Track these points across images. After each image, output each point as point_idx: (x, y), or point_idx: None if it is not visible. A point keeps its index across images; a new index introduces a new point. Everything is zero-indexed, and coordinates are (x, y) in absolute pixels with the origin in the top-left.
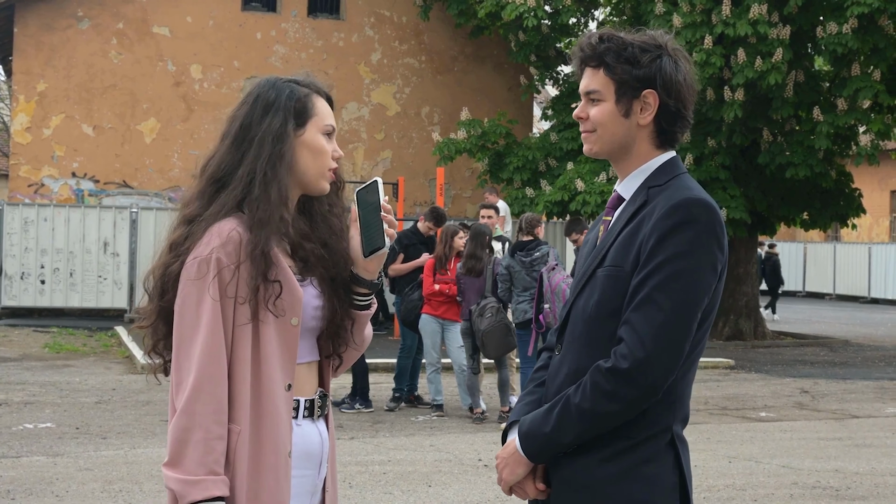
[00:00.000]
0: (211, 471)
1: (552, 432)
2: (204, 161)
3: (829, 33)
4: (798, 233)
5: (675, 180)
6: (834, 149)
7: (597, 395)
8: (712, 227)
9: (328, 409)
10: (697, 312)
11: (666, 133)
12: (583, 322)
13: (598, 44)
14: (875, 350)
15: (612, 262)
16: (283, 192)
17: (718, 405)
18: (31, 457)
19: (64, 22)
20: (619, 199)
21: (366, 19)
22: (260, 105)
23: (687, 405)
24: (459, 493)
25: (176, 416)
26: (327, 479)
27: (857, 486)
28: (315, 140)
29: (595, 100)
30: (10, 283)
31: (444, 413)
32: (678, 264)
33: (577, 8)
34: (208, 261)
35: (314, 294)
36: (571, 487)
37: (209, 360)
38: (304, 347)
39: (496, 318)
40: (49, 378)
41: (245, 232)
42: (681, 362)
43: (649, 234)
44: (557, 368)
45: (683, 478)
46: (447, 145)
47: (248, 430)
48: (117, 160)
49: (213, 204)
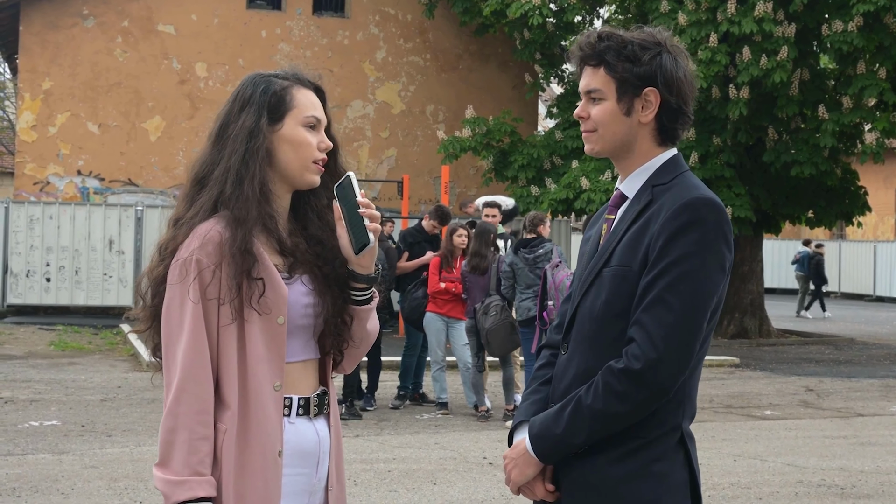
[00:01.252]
0: (195, 471)
1: (564, 433)
2: (192, 162)
3: (835, 31)
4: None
5: (679, 178)
6: (839, 147)
7: (609, 395)
8: (720, 226)
9: (329, 406)
10: (707, 312)
11: (667, 130)
12: (590, 322)
13: (597, 42)
14: (880, 348)
15: (619, 261)
16: (260, 188)
17: (723, 403)
18: (37, 454)
19: (69, 20)
20: (621, 197)
21: (371, 17)
22: (237, 103)
23: (694, 402)
24: (464, 491)
25: (163, 416)
26: (331, 477)
27: (863, 485)
28: (294, 133)
29: (596, 99)
30: (15, 280)
31: (449, 411)
32: (687, 265)
33: (583, 6)
34: (188, 262)
35: (303, 292)
36: (582, 487)
37: (192, 362)
38: (296, 346)
39: (500, 316)
40: (54, 376)
41: (225, 230)
42: (692, 362)
43: (657, 234)
44: (565, 368)
45: (694, 475)
46: (452, 143)
47: (235, 429)
48: (122, 158)
49: (194, 205)
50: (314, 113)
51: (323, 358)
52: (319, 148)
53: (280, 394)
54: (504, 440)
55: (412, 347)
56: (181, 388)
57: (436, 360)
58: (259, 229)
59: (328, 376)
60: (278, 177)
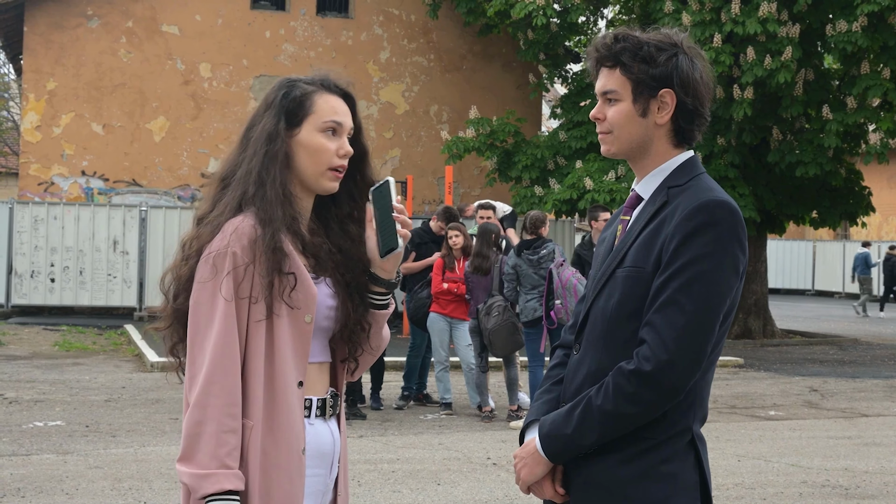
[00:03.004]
0: (223, 464)
1: (574, 434)
2: (221, 160)
3: (839, 31)
4: (807, 231)
5: (695, 180)
6: (843, 147)
7: (619, 397)
8: (734, 228)
9: (340, 409)
10: (720, 314)
11: (683, 132)
12: (603, 322)
13: (613, 43)
14: (884, 348)
15: (632, 262)
16: (282, 190)
17: (727, 404)
18: (41, 455)
19: (73, 21)
20: (637, 198)
21: (374, 18)
22: (263, 106)
23: (706, 404)
24: (468, 492)
25: (189, 410)
26: (339, 479)
27: (867, 485)
28: (310, 139)
29: (612, 100)
30: (20, 281)
31: (453, 411)
32: (701, 266)
33: (587, 6)
34: (224, 255)
35: (328, 293)
36: (591, 488)
37: (222, 354)
38: (315, 347)
39: (503, 317)
40: (59, 376)
41: (258, 226)
42: (703, 364)
43: (671, 235)
44: (576, 368)
45: (704, 477)
46: (456, 144)
47: (262, 425)
48: (126, 158)
49: (218, 204)
50: (334, 118)
51: (334, 361)
52: (339, 154)
53: (302, 392)
54: (507, 440)
55: (416, 348)
56: (210, 380)
57: (439, 360)
58: (284, 230)
59: (339, 380)
60: (297, 180)
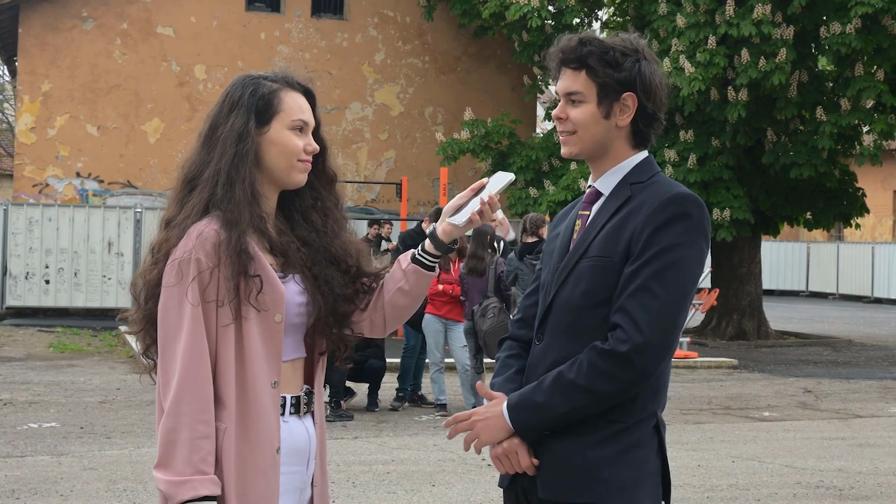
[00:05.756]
0: (198, 470)
1: (544, 402)
2: (181, 162)
3: (833, 33)
4: (801, 232)
5: (656, 177)
6: (837, 149)
7: (593, 373)
8: (702, 221)
9: (314, 405)
10: (689, 301)
11: (642, 134)
12: (569, 311)
13: (579, 47)
14: (878, 350)
15: (598, 252)
16: (250, 190)
17: (722, 405)
18: (36, 456)
19: (68, 22)
20: (596, 194)
21: (369, 19)
22: (227, 104)
23: (666, 392)
24: (463, 493)
25: (163, 417)
26: (316, 474)
27: (861, 486)
28: (280, 136)
29: (576, 101)
30: (14, 283)
31: (448, 413)
32: (672, 255)
33: (581, 8)
34: (188, 262)
35: (297, 290)
36: (562, 469)
37: (192, 361)
38: (288, 345)
39: (498, 318)
40: (53, 378)
41: (221, 231)
42: (674, 348)
43: (642, 225)
44: (541, 357)
45: (665, 463)
46: (451, 145)
47: (235, 427)
48: (121, 160)
49: (185, 207)
50: (301, 116)
51: (310, 356)
52: (306, 151)
53: (277, 391)
54: None
55: (411, 349)
56: (182, 388)
57: (434, 361)
58: (251, 231)
59: (314, 375)
60: (266, 178)
